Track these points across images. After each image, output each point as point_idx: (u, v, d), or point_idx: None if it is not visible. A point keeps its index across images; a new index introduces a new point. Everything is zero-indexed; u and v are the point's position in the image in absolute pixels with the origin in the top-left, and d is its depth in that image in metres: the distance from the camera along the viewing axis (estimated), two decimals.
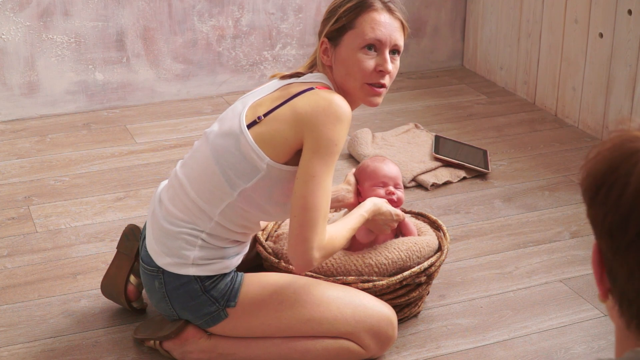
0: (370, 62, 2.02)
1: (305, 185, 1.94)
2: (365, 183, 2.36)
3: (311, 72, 2.10)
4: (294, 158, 1.99)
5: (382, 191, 2.33)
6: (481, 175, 3.21)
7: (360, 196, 2.37)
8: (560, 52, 3.66)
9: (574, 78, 3.61)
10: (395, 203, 2.33)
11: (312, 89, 2.00)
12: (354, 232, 2.14)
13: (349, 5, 2.04)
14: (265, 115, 2.00)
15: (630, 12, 3.24)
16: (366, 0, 2.04)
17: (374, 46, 2.03)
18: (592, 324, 2.34)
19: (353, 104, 2.09)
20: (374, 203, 2.20)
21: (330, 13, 2.06)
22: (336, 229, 2.04)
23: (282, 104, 2.00)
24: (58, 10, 3.60)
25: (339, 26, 2.03)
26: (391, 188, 2.34)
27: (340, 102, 1.97)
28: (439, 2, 4.19)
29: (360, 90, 2.05)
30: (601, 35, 3.41)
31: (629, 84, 3.31)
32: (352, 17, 2.03)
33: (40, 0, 3.56)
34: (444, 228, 2.42)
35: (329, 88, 2.04)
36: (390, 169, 2.37)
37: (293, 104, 1.99)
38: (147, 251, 2.13)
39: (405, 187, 3.08)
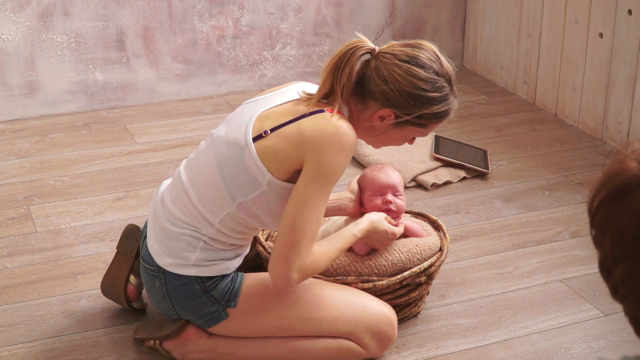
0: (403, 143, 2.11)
1: (296, 207, 1.94)
2: (366, 193, 2.34)
3: (326, 102, 2.00)
4: (295, 176, 1.98)
5: (379, 201, 2.31)
6: (481, 175, 3.21)
7: (362, 206, 2.35)
8: (560, 52, 3.66)
9: (574, 78, 3.61)
10: (394, 213, 2.30)
11: (322, 111, 1.97)
12: (343, 252, 2.12)
13: (436, 110, 1.99)
14: (271, 130, 1.98)
15: (630, 12, 3.24)
16: (450, 110, 2.03)
17: None
18: (592, 324, 2.34)
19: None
20: (370, 221, 2.17)
21: (417, 101, 1.97)
22: (322, 251, 2.02)
23: (290, 122, 1.97)
24: (58, 10, 3.60)
25: (417, 122, 2.00)
26: (389, 197, 2.29)
27: (347, 130, 1.95)
28: (439, 2, 4.19)
29: (373, 144, 2.11)
30: (601, 35, 3.41)
31: (629, 84, 3.31)
32: (433, 122, 2.02)
33: (40, 0, 3.56)
34: (444, 228, 2.42)
35: (340, 112, 1.98)
36: (388, 177, 2.33)
37: (300, 125, 1.96)
38: (148, 251, 2.13)
39: (406, 187, 3.08)
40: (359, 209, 2.35)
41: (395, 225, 2.24)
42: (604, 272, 1.04)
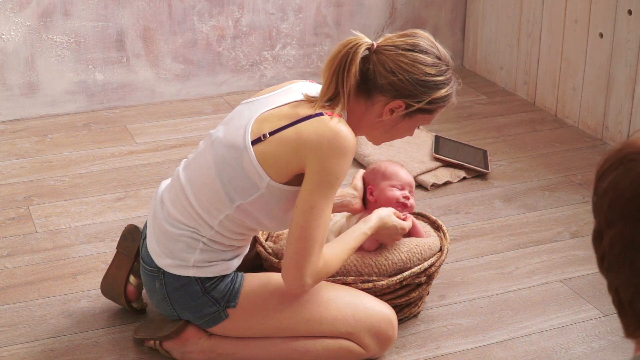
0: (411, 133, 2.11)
1: (303, 215, 1.94)
2: (383, 182, 2.35)
3: (331, 105, 1.99)
4: (295, 179, 1.98)
5: (399, 193, 2.32)
6: (481, 175, 3.21)
7: (372, 195, 2.36)
8: (560, 52, 3.66)
9: (574, 78, 3.61)
10: (407, 208, 2.32)
11: (321, 114, 1.97)
12: (354, 251, 2.13)
13: (443, 93, 2.00)
14: (270, 134, 1.98)
15: (630, 12, 3.24)
16: (453, 92, 2.04)
17: None
18: (592, 324, 2.34)
19: (357, 133, 2.05)
20: (380, 218, 2.17)
21: (426, 87, 1.98)
22: (333, 253, 2.03)
23: (288, 125, 1.97)
24: (58, 10, 3.60)
25: (427, 108, 2.01)
26: (407, 192, 2.34)
27: (346, 134, 1.94)
28: (439, 2, 4.19)
29: (378, 140, 2.10)
30: (601, 35, 3.41)
31: (629, 84, 3.31)
32: (440, 106, 2.03)
33: (40, 0, 3.56)
34: (444, 228, 2.42)
35: (339, 115, 1.97)
36: (408, 174, 2.38)
37: (299, 129, 1.95)
38: (147, 251, 2.13)
39: None
40: (362, 205, 2.36)
41: (404, 220, 2.25)
42: (596, 240, 1.06)
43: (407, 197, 2.33)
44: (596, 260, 1.07)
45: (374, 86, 1.99)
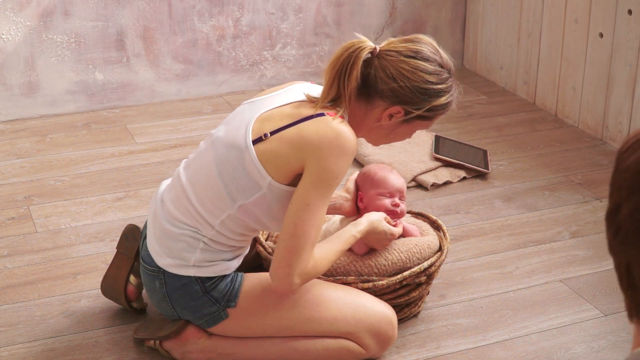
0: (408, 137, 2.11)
1: (297, 212, 1.93)
2: (371, 190, 2.33)
3: (333, 106, 2.00)
4: (296, 179, 1.98)
5: (387, 201, 2.30)
6: (481, 175, 3.21)
7: (362, 202, 2.35)
8: (560, 52, 3.66)
9: (574, 78, 3.61)
10: (397, 215, 2.31)
11: (322, 114, 1.97)
12: (343, 253, 2.13)
13: (443, 101, 2.00)
14: (272, 133, 1.98)
15: (630, 12, 3.24)
16: (454, 99, 2.04)
17: None
18: (592, 324, 2.34)
19: (357, 135, 2.05)
20: (370, 222, 2.17)
21: (426, 95, 1.98)
22: (323, 254, 2.02)
23: (290, 125, 1.97)
24: (58, 10, 3.60)
25: (425, 114, 2.01)
26: (396, 200, 2.32)
27: (347, 134, 1.94)
28: (439, 2, 4.19)
29: (376, 143, 2.10)
30: (601, 35, 3.41)
31: (629, 84, 3.31)
32: (439, 114, 2.03)
33: (40, 0, 3.56)
34: (444, 228, 2.42)
35: (342, 116, 1.98)
36: (398, 180, 2.34)
37: (300, 129, 1.95)
38: (147, 251, 2.13)
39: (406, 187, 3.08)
40: (355, 209, 2.35)
41: (394, 226, 2.24)
42: (611, 215, 1.04)
43: (396, 205, 2.30)
44: (607, 237, 1.05)
45: (374, 91, 1.99)
